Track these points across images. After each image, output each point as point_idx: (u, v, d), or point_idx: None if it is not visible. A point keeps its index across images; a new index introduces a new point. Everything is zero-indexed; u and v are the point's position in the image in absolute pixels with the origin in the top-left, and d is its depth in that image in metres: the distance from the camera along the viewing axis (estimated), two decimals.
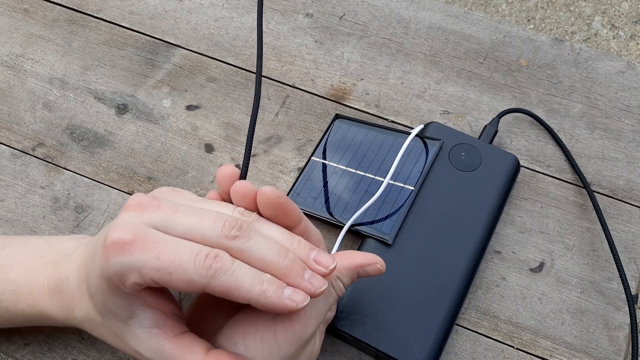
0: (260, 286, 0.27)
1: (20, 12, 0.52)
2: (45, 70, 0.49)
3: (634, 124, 0.47)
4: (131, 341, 0.30)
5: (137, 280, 0.27)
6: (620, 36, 1.42)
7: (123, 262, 0.27)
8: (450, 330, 0.38)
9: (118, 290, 0.29)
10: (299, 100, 0.48)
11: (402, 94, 0.49)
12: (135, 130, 0.47)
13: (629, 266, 0.42)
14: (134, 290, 0.28)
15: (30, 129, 0.47)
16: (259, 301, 0.27)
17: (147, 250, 0.27)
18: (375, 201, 0.41)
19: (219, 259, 0.27)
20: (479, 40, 0.51)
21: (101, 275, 0.28)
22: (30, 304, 0.33)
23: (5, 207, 0.43)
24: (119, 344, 0.31)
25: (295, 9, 0.53)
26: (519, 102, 0.48)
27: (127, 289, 0.28)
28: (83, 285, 0.31)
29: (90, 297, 0.31)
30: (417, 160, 0.43)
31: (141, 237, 0.27)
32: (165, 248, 0.27)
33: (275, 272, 0.28)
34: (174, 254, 0.27)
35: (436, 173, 0.43)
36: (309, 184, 0.43)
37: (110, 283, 0.28)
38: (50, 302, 0.33)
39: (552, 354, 0.39)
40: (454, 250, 0.40)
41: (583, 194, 0.45)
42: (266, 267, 0.28)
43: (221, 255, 0.27)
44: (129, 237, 0.27)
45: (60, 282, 0.32)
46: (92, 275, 0.29)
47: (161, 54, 0.50)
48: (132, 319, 0.30)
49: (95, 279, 0.29)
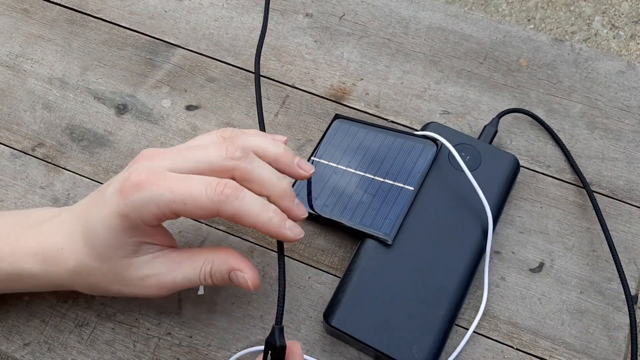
0: (267, 214, 0.32)
1: (20, 12, 0.52)
2: (45, 70, 0.49)
3: (634, 124, 0.47)
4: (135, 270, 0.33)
5: (155, 213, 0.31)
6: (620, 36, 1.42)
7: (141, 198, 0.31)
8: (450, 330, 0.38)
9: (131, 227, 0.32)
10: (298, 100, 0.48)
11: (402, 94, 0.49)
12: (135, 131, 0.47)
13: (629, 266, 0.42)
14: (151, 224, 0.32)
15: (30, 129, 0.47)
16: (265, 227, 0.32)
17: (160, 186, 0.31)
18: (375, 201, 0.41)
19: (229, 186, 0.31)
20: (478, 40, 0.51)
21: (116, 214, 0.31)
22: (10, 262, 0.35)
23: (5, 207, 0.43)
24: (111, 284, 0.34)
25: (295, 9, 0.53)
26: (518, 102, 0.48)
27: (143, 223, 0.32)
28: (75, 236, 0.34)
29: (89, 242, 0.33)
30: (417, 160, 0.43)
31: (154, 175, 0.31)
32: (177, 182, 0.31)
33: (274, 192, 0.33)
34: (186, 185, 0.31)
35: (436, 173, 0.43)
36: (309, 184, 0.43)
37: (125, 221, 0.31)
38: (32, 260, 0.34)
39: (552, 354, 0.39)
40: (453, 250, 0.40)
41: (583, 194, 0.45)
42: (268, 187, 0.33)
43: (230, 183, 0.31)
44: (143, 177, 0.31)
45: (44, 241, 0.35)
46: (96, 220, 0.32)
47: (161, 54, 0.50)
48: (137, 252, 0.33)
49: (103, 221, 0.32)
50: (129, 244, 0.32)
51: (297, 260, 0.42)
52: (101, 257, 0.33)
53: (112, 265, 0.33)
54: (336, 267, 0.42)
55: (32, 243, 0.35)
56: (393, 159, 0.43)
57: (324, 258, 0.42)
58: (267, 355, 0.31)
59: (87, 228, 0.33)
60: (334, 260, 0.42)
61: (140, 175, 0.31)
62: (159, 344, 0.39)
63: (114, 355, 0.38)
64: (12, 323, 0.39)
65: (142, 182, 0.31)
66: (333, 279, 0.41)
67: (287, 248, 0.42)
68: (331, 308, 0.38)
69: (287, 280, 0.41)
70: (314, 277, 0.41)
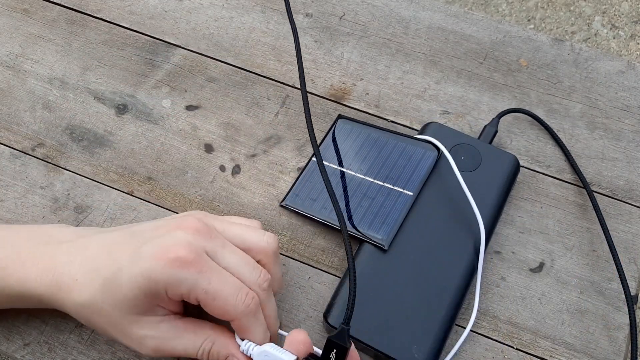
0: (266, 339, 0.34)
1: (20, 12, 0.52)
2: (45, 70, 0.49)
3: (634, 124, 0.47)
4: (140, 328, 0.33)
5: (183, 293, 0.32)
6: (620, 36, 1.42)
7: (179, 276, 0.31)
8: (450, 330, 0.38)
9: (154, 293, 0.32)
10: (298, 100, 0.48)
11: (402, 94, 0.49)
12: (134, 131, 0.47)
13: (629, 266, 0.42)
14: (174, 298, 0.32)
15: (30, 129, 0.47)
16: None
17: (203, 273, 0.32)
18: (373, 205, 0.41)
19: (255, 301, 0.33)
20: (478, 40, 0.51)
21: (148, 278, 0.31)
22: (17, 279, 0.34)
23: (5, 207, 0.43)
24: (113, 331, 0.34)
25: (295, 9, 0.53)
26: (518, 102, 0.48)
27: (167, 295, 0.32)
28: (95, 275, 0.33)
29: (109, 288, 0.33)
30: (418, 165, 0.43)
31: (200, 260, 0.32)
32: (217, 276, 0.32)
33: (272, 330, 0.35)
34: (223, 283, 0.32)
35: (436, 178, 0.42)
36: (309, 185, 0.43)
37: (152, 285, 0.31)
38: (41, 280, 0.34)
39: (552, 354, 0.39)
40: (453, 250, 0.40)
41: (583, 194, 0.45)
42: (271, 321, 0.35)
43: (256, 299, 0.33)
44: (192, 257, 0.31)
45: (58, 265, 0.34)
46: (125, 273, 0.32)
47: (161, 54, 0.50)
48: (148, 312, 0.33)
49: (131, 277, 0.32)
50: (146, 304, 0.33)
51: (297, 260, 0.42)
52: (114, 306, 0.33)
53: (120, 316, 0.33)
54: (336, 267, 0.42)
55: (45, 263, 0.34)
56: (394, 162, 0.43)
57: (324, 258, 0.42)
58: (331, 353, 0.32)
59: (113, 275, 0.33)
60: (334, 260, 0.42)
61: (183, 251, 0.31)
62: None
63: (114, 355, 0.38)
64: (12, 323, 0.39)
65: (186, 261, 0.31)
66: (333, 279, 0.41)
67: (287, 248, 0.42)
68: (331, 308, 0.38)
69: (287, 280, 0.41)
70: (314, 277, 0.41)
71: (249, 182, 0.45)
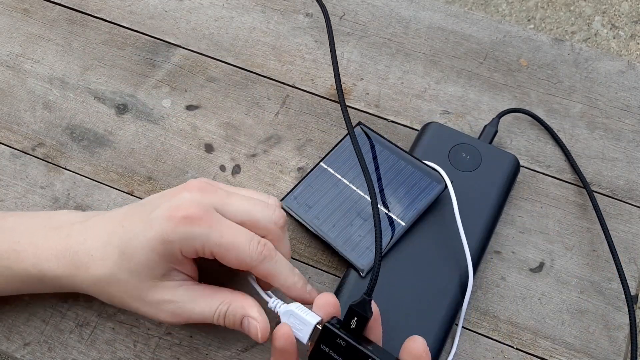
0: (293, 278, 0.35)
1: (20, 12, 0.52)
2: (45, 70, 0.49)
3: (634, 124, 0.47)
4: (158, 293, 0.34)
5: (198, 249, 0.33)
6: (620, 36, 1.42)
7: (191, 232, 0.32)
8: (450, 330, 0.38)
9: (170, 254, 0.33)
10: (298, 100, 0.48)
11: (402, 94, 0.49)
12: (135, 130, 0.47)
13: (629, 266, 0.42)
14: (189, 256, 0.33)
15: (30, 129, 0.47)
16: (289, 289, 0.35)
17: (212, 226, 0.32)
18: (363, 227, 0.41)
19: (267, 248, 0.34)
20: (479, 40, 0.51)
21: (161, 239, 0.32)
22: (33, 263, 0.35)
23: (5, 207, 0.43)
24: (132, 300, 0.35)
25: (295, 9, 0.53)
26: (519, 102, 0.48)
27: (182, 254, 0.33)
28: (110, 247, 0.34)
29: (125, 257, 0.34)
30: (419, 195, 0.41)
31: (208, 215, 0.33)
32: (227, 228, 0.33)
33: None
34: (235, 234, 0.33)
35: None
36: (309, 191, 0.43)
37: (168, 247, 0.32)
38: (57, 262, 0.35)
39: (552, 354, 0.39)
40: (453, 250, 0.40)
41: (583, 194, 0.45)
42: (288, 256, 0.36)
43: (269, 245, 0.34)
44: (201, 213, 0.32)
45: (73, 243, 0.35)
46: (139, 238, 0.33)
47: (161, 53, 0.50)
48: (166, 277, 0.34)
49: (146, 242, 0.33)
50: (162, 267, 0.33)
51: (297, 260, 0.42)
52: (131, 273, 0.34)
53: (138, 283, 0.34)
54: (336, 267, 0.42)
55: (58, 245, 0.35)
56: (397, 187, 0.42)
57: (324, 258, 0.42)
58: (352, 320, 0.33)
59: (127, 243, 0.34)
60: (334, 260, 0.42)
61: (192, 209, 0.32)
62: (159, 343, 0.39)
63: (115, 355, 0.38)
64: (12, 323, 0.39)
65: (195, 217, 0.32)
66: (333, 279, 0.41)
67: None
68: None
69: None
70: (314, 277, 0.41)
71: (249, 182, 0.45)
